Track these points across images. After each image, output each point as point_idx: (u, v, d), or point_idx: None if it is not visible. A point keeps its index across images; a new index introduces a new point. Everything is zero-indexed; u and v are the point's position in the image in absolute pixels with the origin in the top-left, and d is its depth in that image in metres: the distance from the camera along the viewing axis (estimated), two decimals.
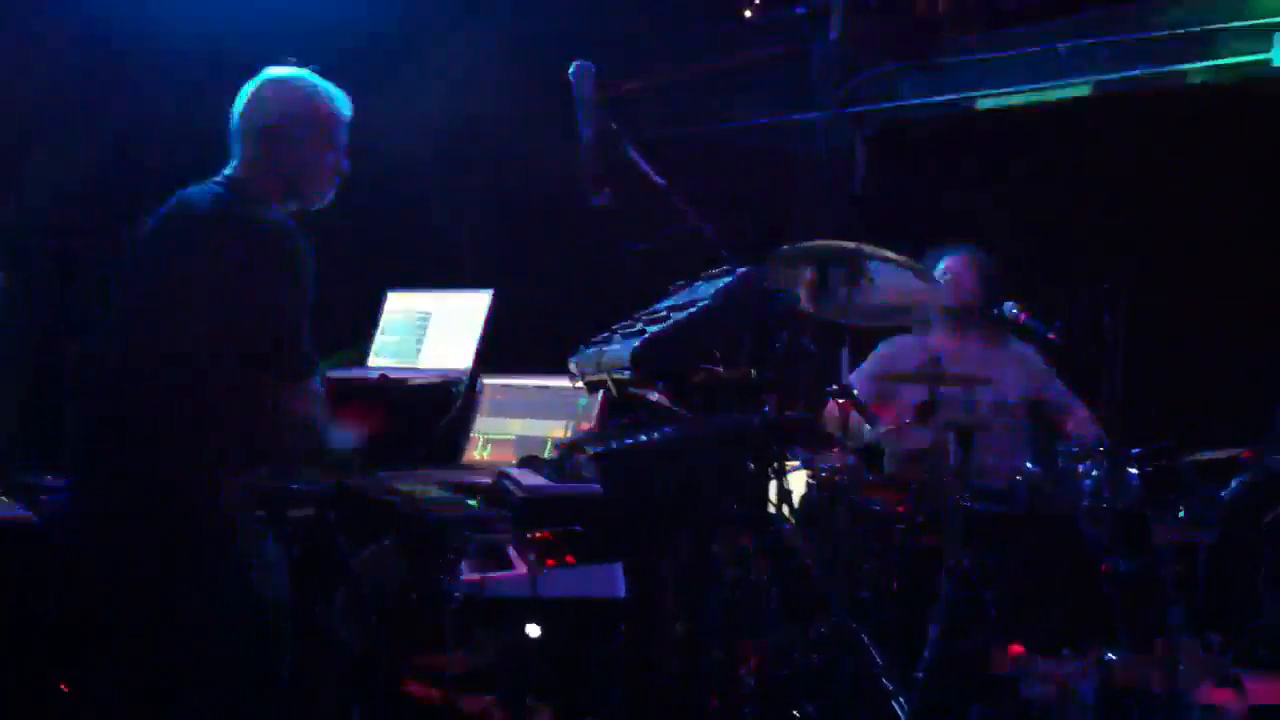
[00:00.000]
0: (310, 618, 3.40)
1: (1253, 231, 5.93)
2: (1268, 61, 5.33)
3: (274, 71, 3.53)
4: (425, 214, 3.59)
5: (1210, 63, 5.53)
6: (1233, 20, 5.44)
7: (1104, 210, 6.33)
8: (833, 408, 4.69)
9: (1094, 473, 4.41)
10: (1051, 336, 5.12)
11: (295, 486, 3.17)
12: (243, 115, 3.47)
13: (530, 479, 2.90)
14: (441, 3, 6.04)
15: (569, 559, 3.27)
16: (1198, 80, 5.57)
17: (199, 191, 3.39)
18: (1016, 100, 6.12)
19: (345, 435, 3.41)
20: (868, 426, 4.95)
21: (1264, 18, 5.36)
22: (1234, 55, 5.47)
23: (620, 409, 3.40)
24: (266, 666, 3.14)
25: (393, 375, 4.16)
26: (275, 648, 3.14)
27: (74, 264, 5.79)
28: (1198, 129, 5.97)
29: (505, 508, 2.87)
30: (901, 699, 4.07)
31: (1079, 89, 5.88)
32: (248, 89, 3.50)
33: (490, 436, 4.23)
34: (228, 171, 3.45)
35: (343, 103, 3.53)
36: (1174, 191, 6.13)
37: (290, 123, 3.42)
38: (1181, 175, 6.12)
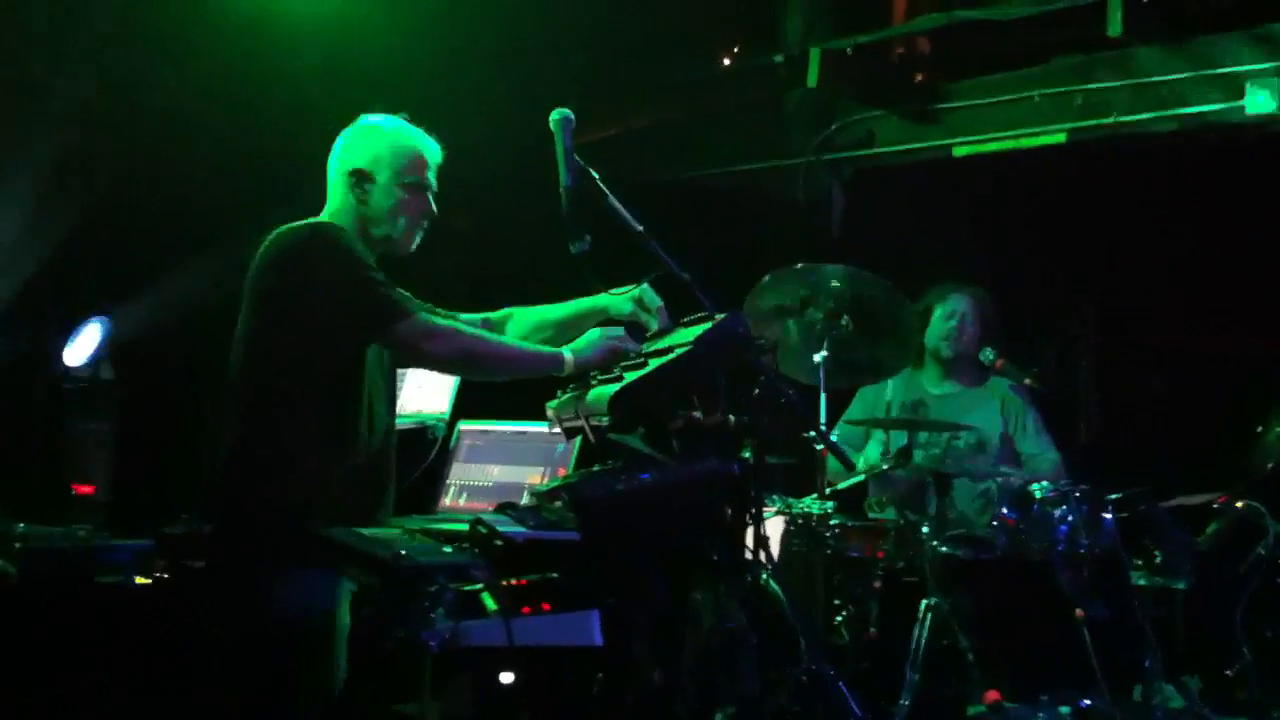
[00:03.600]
0: None
1: (1226, 277, 5.98)
2: (1240, 110, 5.38)
3: (365, 118, 3.56)
4: (404, 258, 3.58)
5: (1183, 110, 5.58)
6: (1205, 69, 5.49)
7: (1079, 256, 6.38)
8: None
9: (1070, 517, 4.42)
10: (1028, 382, 5.13)
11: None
12: (332, 160, 3.52)
13: (507, 526, 2.89)
14: (420, 52, 6.08)
15: (545, 606, 3.25)
16: (1171, 128, 5.62)
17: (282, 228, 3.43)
18: (992, 147, 6.17)
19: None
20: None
21: (1235, 66, 5.42)
22: (1206, 104, 5.52)
23: (598, 455, 3.38)
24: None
25: None
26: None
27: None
28: (1171, 176, 6.03)
29: (481, 555, 2.85)
30: None
31: (1054, 136, 5.93)
32: (341, 136, 3.55)
33: (467, 483, 4.21)
34: (320, 217, 3.50)
35: (427, 146, 3.55)
36: (1147, 238, 6.18)
37: (372, 165, 3.45)
38: (1155, 222, 6.17)
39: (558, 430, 3.44)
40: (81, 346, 5.77)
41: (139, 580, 4.48)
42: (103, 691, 4.21)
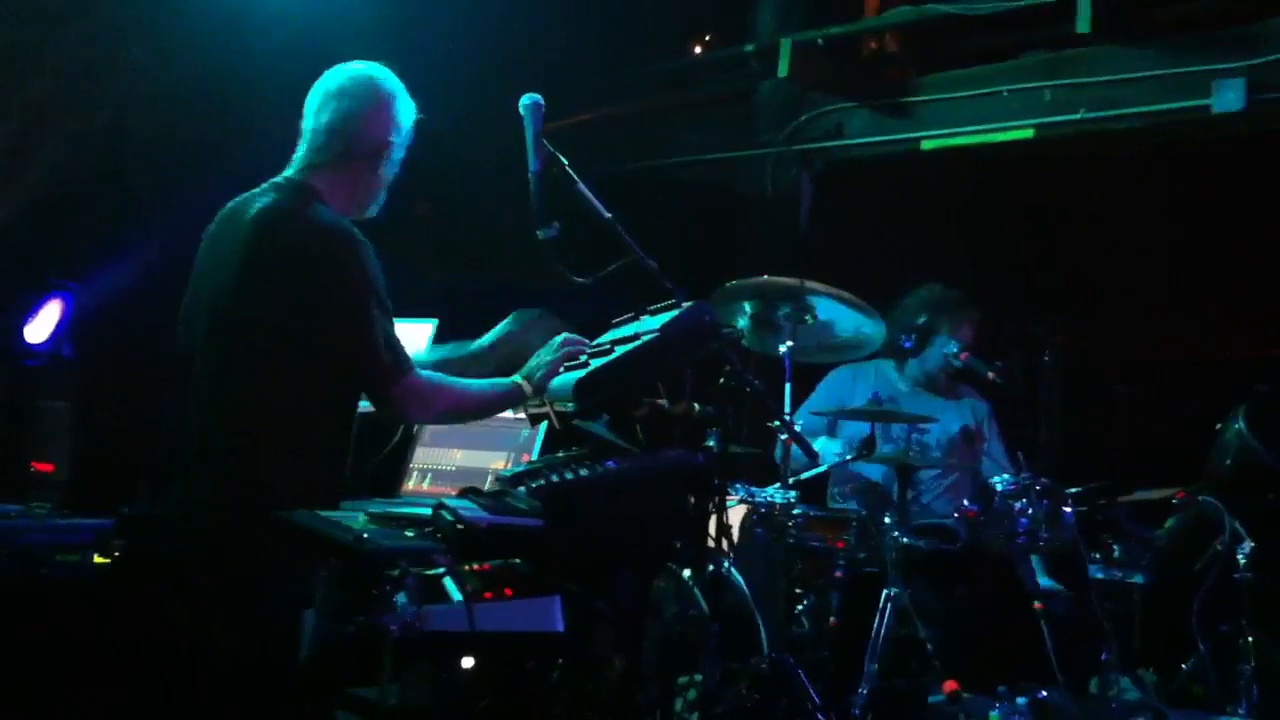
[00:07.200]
0: None
1: (1189, 273, 6.03)
2: (1206, 109, 5.42)
3: (343, 70, 3.37)
4: (370, 241, 3.55)
5: (1150, 108, 5.62)
6: (1172, 68, 5.53)
7: (1044, 250, 6.42)
8: None
9: (1030, 511, 4.45)
10: (991, 376, 5.15)
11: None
12: (338, 115, 3.30)
13: (470, 511, 2.88)
14: (392, 36, 6.04)
15: (507, 592, 3.24)
16: (1137, 125, 5.65)
17: (254, 197, 3.26)
18: (960, 141, 6.19)
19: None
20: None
21: (1202, 65, 5.46)
22: (1173, 102, 5.55)
23: (563, 441, 3.38)
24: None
25: None
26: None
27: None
28: (1136, 172, 6.07)
29: (443, 540, 2.84)
30: None
31: (1022, 132, 5.96)
32: (316, 88, 3.35)
33: (430, 467, 4.20)
34: (289, 173, 3.31)
35: (407, 108, 3.38)
36: (1113, 233, 6.23)
37: (395, 137, 3.32)
38: (1120, 217, 6.22)
39: (522, 416, 3.43)
40: (42, 324, 5.71)
41: (98, 559, 4.45)
42: (62, 671, 4.18)
